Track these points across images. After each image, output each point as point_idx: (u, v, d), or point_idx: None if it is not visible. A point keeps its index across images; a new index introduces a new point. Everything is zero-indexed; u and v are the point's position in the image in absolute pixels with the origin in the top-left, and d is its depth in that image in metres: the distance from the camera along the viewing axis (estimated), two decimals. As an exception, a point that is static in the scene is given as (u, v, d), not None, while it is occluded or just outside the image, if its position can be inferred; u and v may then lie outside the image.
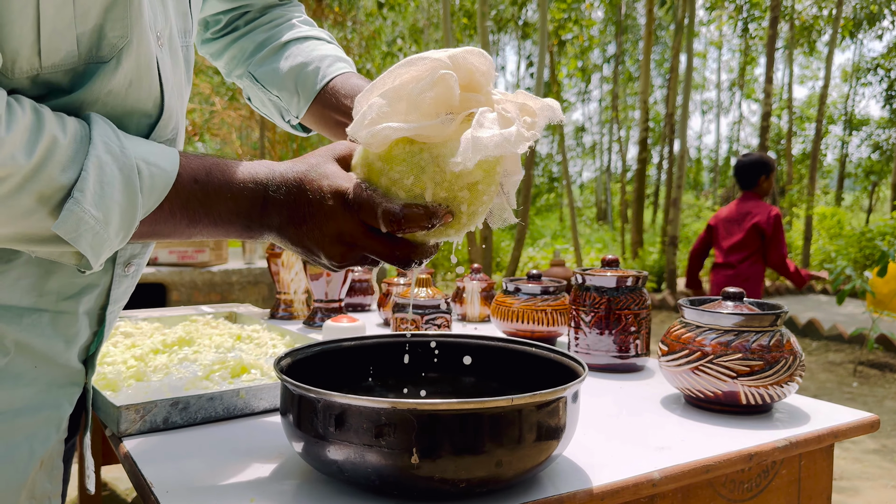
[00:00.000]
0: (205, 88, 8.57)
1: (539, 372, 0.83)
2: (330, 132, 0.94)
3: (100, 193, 0.59)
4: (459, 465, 0.63)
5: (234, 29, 1.01)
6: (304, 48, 0.95)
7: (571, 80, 20.02)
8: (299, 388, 0.67)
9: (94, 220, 0.59)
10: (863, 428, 0.95)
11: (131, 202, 0.61)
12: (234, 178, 0.67)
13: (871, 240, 8.94)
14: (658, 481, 0.76)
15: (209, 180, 0.66)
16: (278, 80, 0.95)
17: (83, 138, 0.60)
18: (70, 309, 0.71)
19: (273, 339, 1.32)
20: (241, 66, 0.99)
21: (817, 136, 11.33)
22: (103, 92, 0.64)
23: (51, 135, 0.58)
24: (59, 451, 0.72)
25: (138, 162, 0.62)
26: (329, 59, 0.93)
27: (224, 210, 0.66)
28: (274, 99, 0.97)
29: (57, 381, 0.71)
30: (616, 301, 1.20)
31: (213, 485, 0.72)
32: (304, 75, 0.92)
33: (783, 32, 12.94)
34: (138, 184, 0.61)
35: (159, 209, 0.64)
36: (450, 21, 7.95)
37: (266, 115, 1.02)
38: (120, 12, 0.63)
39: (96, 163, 0.59)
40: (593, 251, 12.29)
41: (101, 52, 0.63)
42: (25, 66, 0.60)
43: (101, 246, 0.61)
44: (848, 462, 3.36)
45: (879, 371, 5.15)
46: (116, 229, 0.61)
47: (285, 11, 1.01)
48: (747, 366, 0.94)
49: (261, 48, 0.98)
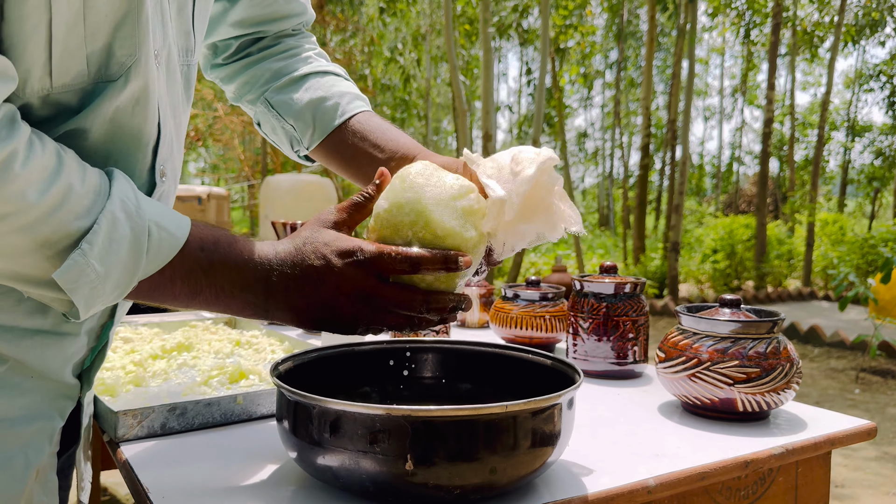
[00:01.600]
0: (207, 94, 8.60)
1: (535, 378, 0.83)
2: (337, 167, 0.95)
3: (107, 249, 0.59)
4: (454, 472, 0.63)
5: (246, 55, 1.01)
6: (324, 83, 0.96)
7: (574, 86, 20.04)
8: (295, 394, 0.67)
9: (94, 275, 0.59)
10: (860, 435, 0.95)
11: (135, 262, 0.61)
12: (241, 250, 0.67)
13: (873, 246, 8.92)
14: (653, 488, 0.76)
15: (216, 250, 0.66)
16: (295, 111, 0.96)
17: (102, 191, 0.60)
18: (73, 330, 0.71)
19: (272, 345, 1.32)
20: (255, 91, 1.00)
21: (820, 143, 11.32)
22: (111, 110, 0.65)
23: (67, 182, 0.58)
24: (51, 464, 0.71)
25: (150, 224, 0.62)
26: (348, 97, 0.94)
27: (227, 283, 0.66)
28: (288, 128, 0.98)
29: (50, 393, 0.70)
30: (614, 308, 1.20)
31: (209, 491, 0.72)
32: (323, 109, 0.94)
33: (785, 39, 12.95)
34: (146, 245, 0.61)
35: (160, 274, 0.63)
36: (452, 27, 7.97)
37: (274, 141, 1.03)
38: (129, 30, 0.63)
39: (110, 218, 0.59)
40: (595, 257, 12.29)
41: (110, 71, 0.64)
42: (37, 87, 0.60)
43: (95, 300, 0.61)
44: (849, 470, 3.35)
45: (882, 378, 5.14)
46: (113, 286, 0.61)
47: (299, 42, 1.02)
48: (744, 373, 0.94)
49: (278, 76, 0.98)
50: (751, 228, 10.10)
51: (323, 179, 6.19)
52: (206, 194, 4.65)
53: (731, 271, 9.88)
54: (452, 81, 8.17)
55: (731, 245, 9.89)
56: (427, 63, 14.05)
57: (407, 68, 10.24)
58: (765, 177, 10.10)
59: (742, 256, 9.93)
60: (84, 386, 0.75)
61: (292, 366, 0.81)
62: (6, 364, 0.66)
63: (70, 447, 0.79)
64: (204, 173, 18.95)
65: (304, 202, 5.96)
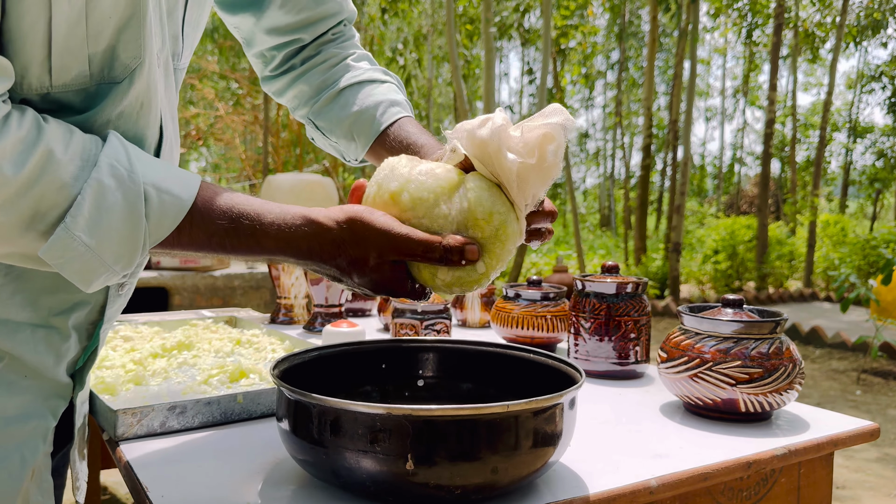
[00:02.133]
0: (208, 93, 8.60)
1: (537, 378, 0.83)
2: None
3: (96, 220, 0.57)
4: (455, 472, 0.63)
5: (290, 68, 1.01)
6: (361, 95, 0.96)
7: (575, 87, 20.03)
8: (295, 392, 0.66)
9: (84, 248, 0.57)
10: (863, 436, 0.95)
11: (133, 230, 0.59)
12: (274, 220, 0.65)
13: (875, 247, 8.90)
14: (655, 489, 0.75)
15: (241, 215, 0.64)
16: (336, 129, 0.97)
17: (89, 158, 0.58)
18: (61, 325, 0.70)
19: (272, 344, 1.32)
20: (302, 108, 1.02)
21: (821, 144, 11.31)
22: (115, 113, 0.64)
23: (47, 150, 0.56)
24: (46, 464, 0.71)
25: (147, 188, 0.60)
26: (383, 106, 0.94)
27: (265, 247, 0.65)
28: (334, 144, 0.99)
29: (44, 392, 0.70)
30: (616, 307, 1.20)
31: (208, 489, 0.72)
32: (360, 123, 0.94)
33: (787, 40, 12.94)
34: (143, 210, 0.59)
35: (178, 236, 0.62)
36: (454, 27, 7.96)
37: (330, 152, 1.05)
38: (133, 34, 0.63)
39: (96, 187, 0.57)
40: (596, 257, 12.28)
41: (114, 73, 0.63)
42: (35, 83, 0.60)
43: (91, 273, 0.59)
44: (850, 471, 3.35)
45: (883, 379, 5.13)
46: (114, 257, 0.59)
47: (340, 50, 1.01)
48: (746, 373, 0.93)
49: (318, 93, 0.99)
50: (752, 229, 10.08)
51: (324, 178, 6.18)
52: (208, 193, 4.68)
53: (733, 272, 9.86)
54: (454, 81, 8.16)
55: (733, 246, 9.87)
56: (429, 63, 14.05)
57: (408, 68, 10.24)
58: (766, 178, 10.08)
59: (743, 257, 9.92)
60: (77, 386, 0.74)
61: (292, 365, 0.81)
62: (2, 361, 0.66)
63: (63, 447, 0.78)
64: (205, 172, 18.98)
65: (306, 201, 5.96)
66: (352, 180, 12.56)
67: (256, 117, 8.97)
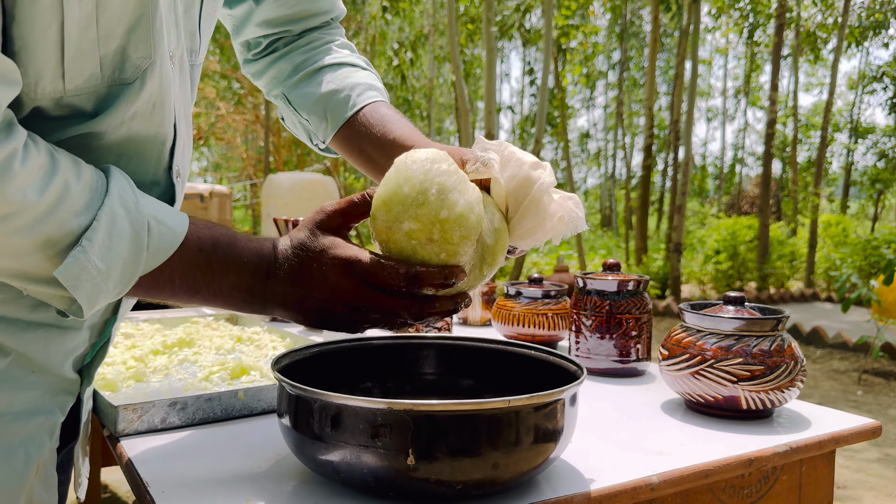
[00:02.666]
0: (210, 93, 8.61)
1: (538, 375, 0.83)
2: (353, 159, 0.95)
3: (108, 245, 0.59)
4: (455, 467, 0.63)
5: (273, 50, 1.02)
6: (338, 75, 0.96)
7: (576, 87, 20.03)
8: (296, 388, 0.66)
9: (96, 271, 0.59)
10: (864, 434, 0.95)
11: (135, 258, 0.61)
12: (239, 252, 0.67)
13: (876, 248, 8.89)
14: (656, 485, 0.75)
15: (214, 251, 0.66)
16: (309, 105, 0.96)
17: (98, 188, 0.60)
18: (75, 324, 0.71)
19: (273, 342, 1.32)
20: (279, 87, 1.01)
21: (822, 144, 11.31)
22: (128, 115, 0.64)
23: (64, 179, 0.58)
24: (51, 459, 0.71)
25: (149, 219, 0.62)
26: (361, 87, 0.94)
27: (225, 284, 0.67)
28: (304, 122, 0.98)
29: (51, 388, 0.70)
30: (617, 305, 1.20)
31: (209, 485, 0.72)
32: (335, 102, 0.93)
33: (788, 40, 12.93)
34: (146, 241, 0.61)
35: (159, 271, 0.63)
36: (455, 27, 7.96)
37: (297, 135, 1.04)
38: (143, 33, 0.63)
39: (109, 214, 0.59)
40: (597, 257, 12.28)
41: (125, 74, 0.64)
42: (49, 88, 0.60)
43: (97, 296, 0.60)
44: (850, 471, 3.35)
45: (884, 379, 5.13)
46: (115, 283, 0.61)
47: (323, 35, 1.02)
48: (748, 370, 0.93)
49: (297, 71, 0.99)
50: (753, 229, 10.08)
51: (325, 177, 6.19)
52: (209, 192, 4.65)
53: (734, 272, 9.86)
54: (455, 81, 8.16)
55: (734, 246, 9.87)
56: (430, 63, 14.06)
57: (403, 68, 10.23)
58: (767, 178, 10.08)
59: (744, 257, 9.92)
60: (84, 381, 0.75)
61: (293, 361, 0.80)
62: (9, 357, 0.66)
63: (69, 443, 0.79)
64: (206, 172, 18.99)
65: (306, 200, 5.97)
66: (352, 179, 12.56)
67: (258, 116, 8.98)
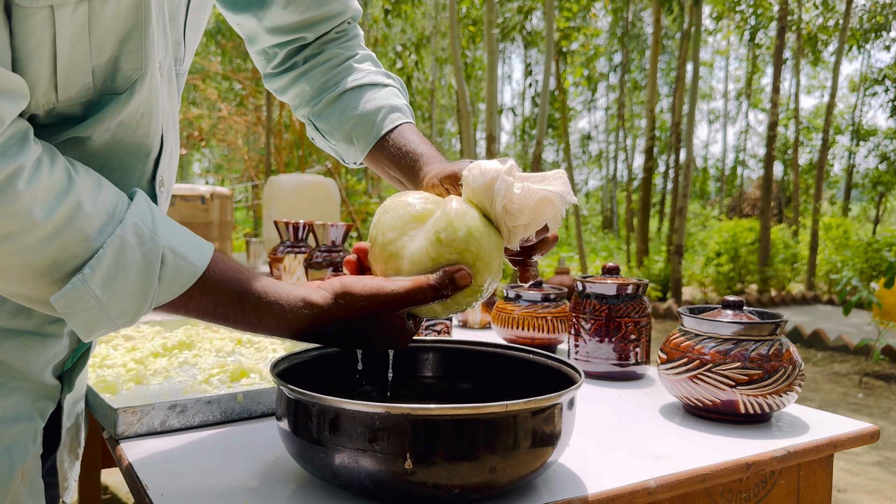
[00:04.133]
0: (211, 94, 8.62)
1: (536, 379, 0.83)
2: (386, 176, 0.97)
3: (112, 275, 0.58)
4: (453, 471, 0.63)
5: (293, 66, 1.01)
6: (362, 99, 0.96)
7: (578, 89, 20.04)
8: (294, 391, 0.67)
9: (94, 301, 0.58)
10: (862, 438, 0.95)
11: (144, 289, 0.60)
12: (277, 299, 0.68)
13: (877, 250, 8.89)
14: (654, 489, 0.75)
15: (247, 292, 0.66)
16: (335, 133, 0.97)
17: (116, 213, 0.59)
18: (57, 332, 0.70)
19: (273, 344, 1.32)
20: (304, 108, 1.02)
21: (824, 147, 11.30)
22: (114, 123, 0.64)
23: (76, 201, 0.57)
24: (36, 466, 0.70)
25: (165, 251, 0.61)
26: (384, 111, 0.94)
27: (265, 325, 0.68)
28: (333, 147, 1.00)
29: (32, 394, 0.70)
30: (616, 309, 1.20)
31: (208, 488, 0.72)
32: (360, 128, 0.94)
33: (790, 42, 12.92)
34: (157, 272, 0.60)
35: (185, 301, 0.63)
36: (457, 29, 7.97)
37: (329, 153, 1.05)
38: (135, 45, 0.63)
39: (119, 243, 0.58)
40: (598, 259, 12.28)
41: (116, 84, 0.63)
42: (42, 101, 0.60)
43: (95, 325, 0.60)
44: (850, 475, 3.34)
45: (885, 382, 5.12)
46: (120, 312, 0.60)
47: (342, 50, 1.01)
48: (746, 374, 0.93)
49: (319, 94, 0.99)
50: (755, 232, 10.08)
51: (326, 179, 6.19)
52: (210, 194, 4.65)
53: (735, 275, 9.85)
54: (457, 83, 8.17)
55: (735, 248, 9.87)
56: (432, 65, 14.07)
57: (408, 70, 10.25)
58: (769, 180, 10.08)
59: (746, 260, 9.91)
60: (65, 387, 0.74)
61: (293, 364, 0.81)
62: None
63: (54, 450, 0.78)
64: (208, 173, 19.00)
65: (308, 202, 5.97)
66: (354, 182, 12.57)
67: (259, 118, 8.99)
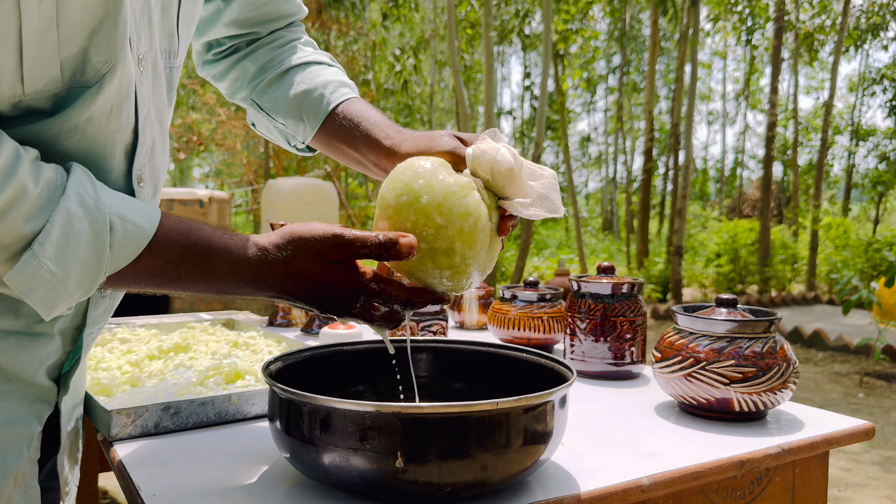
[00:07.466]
0: (210, 99, 8.62)
1: (529, 377, 0.83)
2: (335, 155, 0.95)
3: (63, 247, 0.57)
4: (445, 470, 0.63)
5: (235, 50, 1.01)
6: (308, 74, 0.95)
7: (577, 91, 20.06)
8: (285, 391, 0.67)
9: (50, 275, 0.57)
10: (857, 436, 0.95)
11: (97, 258, 0.59)
12: (223, 244, 0.66)
13: (877, 250, 8.88)
14: (647, 487, 0.75)
15: (193, 245, 0.65)
16: (283, 109, 0.95)
17: (56, 188, 0.58)
18: (46, 331, 0.70)
19: (269, 346, 1.32)
20: (244, 90, 1.00)
21: (823, 147, 11.29)
22: (83, 118, 0.63)
23: (20, 183, 0.56)
24: (31, 471, 0.69)
25: (112, 217, 0.60)
26: (332, 85, 0.93)
27: (213, 274, 0.66)
28: (280, 126, 0.97)
29: (27, 397, 0.69)
30: (611, 308, 1.20)
31: (201, 489, 0.72)
32: (309, 102, 0.93)
33: (787, 43, 12.93)
34: (108, 240, 0.60)
35: (134, 265, 0.62)
36: (455, 32, 7.98)
37: (271, 139, 1.03)
38: (105, 37, 0.62)
39: (65, 215, 0.57)
40: (599, 261, 12.27)
41: (86, 77, 0.62)
42: (7, 93, 0.59)
43: (55, 300, 0.59)
44: (850, 474, 3.34)
45: (886, 382, 5.12)
46: (76, 284, 0.59)
47: (286, 33, 1.02)
48: (740, 372, 0.93)
49: (263, 72, 0.98)
50: (754, 232, 10.07)
51: (325, 183, 6.19)
52: (208, 197, 4.65)
53: (735, 275, 9.84)
54: (455, 86, 8.18)
55: (735, 249, 9.86)
56: (431, 68, 14.08)
57: (405, 73, 10.24)
58: (768, 181, 10.07)
59: (746, 260, 9.90)
60: (61, 390, 0.73)
61: (286, 365, 0.81)
62: None
63: (53, 454, 0.77)
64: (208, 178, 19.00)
65: (306, 206, 5.97)
66: (355, 185, 12.57)
67: (258, 122, 8.98)
